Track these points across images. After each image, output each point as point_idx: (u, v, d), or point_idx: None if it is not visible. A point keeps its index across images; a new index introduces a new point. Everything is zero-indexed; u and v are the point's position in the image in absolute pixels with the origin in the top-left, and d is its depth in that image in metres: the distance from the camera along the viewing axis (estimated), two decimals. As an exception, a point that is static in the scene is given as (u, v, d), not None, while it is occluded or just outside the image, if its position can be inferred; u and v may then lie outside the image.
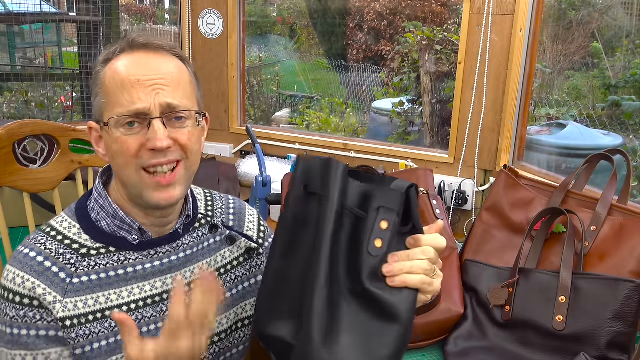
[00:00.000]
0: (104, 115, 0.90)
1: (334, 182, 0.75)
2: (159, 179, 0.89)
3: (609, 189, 1.27)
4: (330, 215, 0.74)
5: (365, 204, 0.76)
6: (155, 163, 0.88)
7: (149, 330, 0.95)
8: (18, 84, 4.35)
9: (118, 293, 0.92)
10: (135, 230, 0.94)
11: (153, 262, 0.95)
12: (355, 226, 0.76)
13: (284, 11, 11.17)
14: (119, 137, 0.88)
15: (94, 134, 0.94)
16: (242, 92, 2.32)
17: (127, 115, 0.87)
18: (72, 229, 0.94)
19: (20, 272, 0.89)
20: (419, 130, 4.23)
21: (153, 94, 0.87)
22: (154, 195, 0.90)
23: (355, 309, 0.75)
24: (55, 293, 0.88)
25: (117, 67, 0.90)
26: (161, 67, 0.90)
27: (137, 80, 0.87)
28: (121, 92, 0.87)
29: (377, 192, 0.77)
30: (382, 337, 0.75)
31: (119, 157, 0.89)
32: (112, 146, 0.90)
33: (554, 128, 3.79)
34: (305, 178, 0.79)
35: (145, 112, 0.87)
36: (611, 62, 5.92)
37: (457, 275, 1.35)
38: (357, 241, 0.76)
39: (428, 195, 1.49)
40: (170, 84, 0.89)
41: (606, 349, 1.11)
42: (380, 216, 0.76)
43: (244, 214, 1.11)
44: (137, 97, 0.87)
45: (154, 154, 0.88)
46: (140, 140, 0.88)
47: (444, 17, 8.09)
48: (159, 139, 0.87)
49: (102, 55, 0.93)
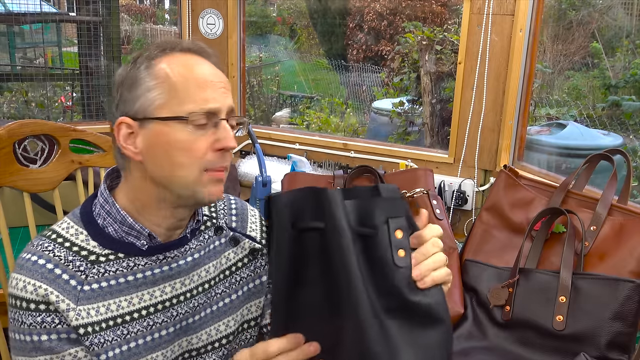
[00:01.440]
0: (158, 111, 0.87)
1: (336, 211, 0.73)
2: (218, 173, 0.89)
3: (609, 189, 1.27)
4: (348, 245, 0.72)
5: (366, 220, 0.75)
6: (220, 167, 0.89)
7: (160, 335, 0.94)
8: (18, 84, 4.35)
9: (129, 300, 0.92)
10: (144, 236, 0.93)
11: (162, 267, 0.95)
12: (367, 245, 0.74)
13: (284, 11, 11.17)
14: (186, 134, 0.86)
15: (123, 130, 0.89)
16: (242, 92, 2.33)
17: (199, 113, 0.86)
18: (80, 235, 0.92)
19: (30, 280, 0.87)
20: (419, 130, 4.23)
21: (223, 96, 0.89)
22: (210, 190, 0.89)
23: (399, 324, 0.74)
24: (68, 300, 0.87)
25: (182, 64, 0.88)
26: (219, 72, 0.91)
27: (210, 81, 0.88)
28: (194, 89, 0.86)
29: (377, 205, 0.75)
30: (435, 341, 0.75)
31: (181, 156, 0.86)
32: (170, 144, 0.87)
33: (554, 128, 3.79)
34: (290, 215, 0.76)
35: (216, 112, 0.87)
36: (611, 62, 5.92)
37: (457, 275, 1.35)
38: (376, 259, 0.74)
39: (428, 195, 1.49)
40: (229, 90, 0.92)
41: (606, 349, 1.12)
42: (393, 227, 0.75)
43: (246, 215, 1.11)
44: (212, 97, 0.87)
45: (221, 155, 0.88)
46: (208, 141, 0.87)
47: (444, 17, 8.09)
48: (232, 139, 0.88)
49: (147, 53, 0.90)
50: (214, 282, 1.01)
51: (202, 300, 0.99)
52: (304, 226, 0.75)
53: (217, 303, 1.01)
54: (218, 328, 1.01)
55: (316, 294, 0.76)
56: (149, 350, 0.93)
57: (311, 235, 0.75)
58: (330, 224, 0.73)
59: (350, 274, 0.72)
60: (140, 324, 0.92)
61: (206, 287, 1.00)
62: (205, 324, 1.00)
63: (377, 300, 0.73)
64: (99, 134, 1.42)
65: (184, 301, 0.97)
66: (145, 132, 0.88)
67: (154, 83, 0.87)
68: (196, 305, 0.98)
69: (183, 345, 0.97)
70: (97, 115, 2.81)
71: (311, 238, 0.75)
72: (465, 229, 1.91)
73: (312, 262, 0.76)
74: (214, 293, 1.01)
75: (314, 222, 0.74)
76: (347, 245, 0.72)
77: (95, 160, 1.41)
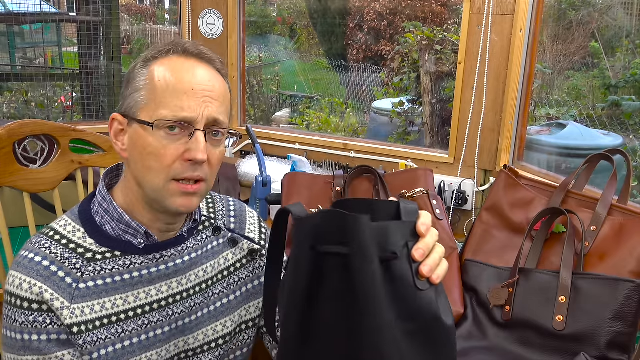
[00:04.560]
0: (139, 112, 0.88)
1: (365, 238, 0.69)
2: (186, 186, 0.88)
3: (609, 189, 1.27)
4: (374, 272, 0.69)
5: (388, 245, 0.72)
6: (188, 177, 0.88)
7: (155, 335, 0.94)
8: (18, 84, 4.35)
9: (124, 298, 0.92)
10: (141, 235, 0.93)
11: (159, 266, 0.95)
12: (387, 269, 0.72)
13: (284, 11, 11.17)
14: (157, 140, 0.86)
15: (115, 126, 0.91)
16: (242, 92, 2.33)
17: (171, 120, 0.86)
18: (77, 232, 0.92)
19: (26, 277, 0.87)
20: (419, 130, 4.23)
21: (203, 106, 0.87)
22: (176, 201, 0.89)
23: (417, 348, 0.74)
24: (62, 299, 0.87)
25: (170, 68, 0.88)
26: (212, 80, 0.90)
27: (190, 89, 0.86)
28: (171, 96, 0.86)
29: (398, 229, 0.73)
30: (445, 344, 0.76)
31: (151, 160, 0.87)
32: (144, 147, 0.87)
33: (554, 128, 3.78)
34: (314, 239, 0.73)
35: (190, 121, 0.86)
36: (611, 62, 5.92)
37: (457, 275, 1.35)
38: (398, 283, 0.72)
39: (428, 195, 1.49)
40: (218, 99, 0.89)
41: (606, 349, 1.11)
42: (411, 249, 0.73)
43: (245, 216, 1.11)
44: (187, 106, 0.86)
45: (189, 166, 0.87)
46: (178, 150, 0.87)
47: (444, 17, 8.09)
48: (201, 151, 0.86)
49: (149, 53, 0.91)
50: (212, 282, 1.01)
51: (199, 300, 0.99)
52: (326, 250, 0.72)
53: (215, 303, 1.01)
54: (215, 328, 1.01)
55: (330, 315, 0.74)
56: (143, 349, 0.93)
57: (330, 259, 0.72)
58: (357, 251, 0.70)
59: (375, 305, 0.69)
60: (135, 323, 0.92)
61: (203, 287, 1.00)
62: (202, 324, 1.00)
63: (401, 326, 0.72)
64: (99, 134, 1.42)
65: (180, 301, 0.97)
66: (130, 131, 0.90)
67: (143, 84, 0.88)
68: (193, 305, 0.98)
69: (179, 345, 0.97)
70: (97, 115, 2.82)
71: (329, 261, 0.72)
72: (465, 229, 1.91)
73: (330, 283, 0.73)
74: (212, 293, 1.01)
75: (339, 247, 0.71)
76: (374, 274, 0.70)
77: (95, 160, 1.41)
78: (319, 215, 0.72)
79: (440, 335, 0.75)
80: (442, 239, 1.41)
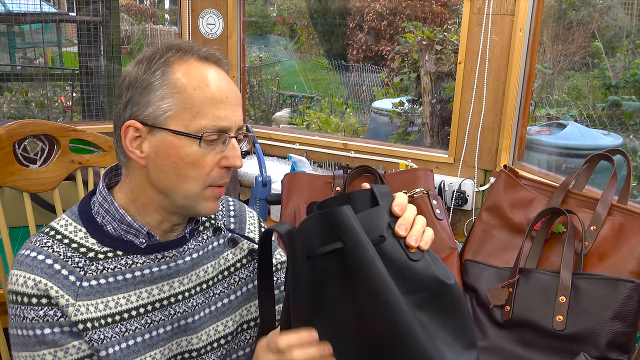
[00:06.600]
0: (169, 122, 0.87)
1: (354, 227, 0.72)
2: (219, 190, 0.92)
3: (609, 189, 1.27)
4: (373, 257, 0.72)
5: (374, 230, 0.75)
6: (224, 183, 0.91)
7: (158, 334, 0.94)
8: (18, 84, 4.35)
9: (127, 297, 0.92)
10: (143, 235, 0.93)
11: (160, 266, 0.95)
12: (382, 253, 0.74)
13: (284, 11, 11.17)
14: (197, 150, 0.87)
15: (131, 133, 0.89)
16: (242, 92, 2.33)
17: (211, 130, 0.87)
18: (78, 232, 0.92)
19: (30, 275, 0.87)
20: (419, 130, 4.23)
21: (234, 114, 0.90)
22: (208, 205, 0.92)
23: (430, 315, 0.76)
24: (67, 296, 0.87)
25: (198, 76, 0.88)
26: (232, 85, 0.92)
27: (225, 97, 0.88)
28: (210, 106, 0.87)
29: (378, 214, 0.76)
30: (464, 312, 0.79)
31: (189, 169, 0.88)
32: (180, 157, 0.87)
33: (554, 128, 3.78)
34: (305, 247, 0.75)
35: (227, 130, 0.89)
36: (611, 62, 5.92)
37: (457, 275, 1.35)
38: (395, 263, 0.75)
39: (428, 195, 1.49)
40: (240, 104, 0.92)
41: (606, 349, 1.11)
42: (394, 228, 0.77)
43: (245, 216, 1.11)
44: (224, 115, 0.88)
45: (225, 172, 0.90)
46: (215, 158, 0.89)
47: (444, 17, 8.09)
48: (239, 158, 0.90)
49: (155, 55, 0.89)
50: (212, 282, 1.01)
51: (200, 300, 0.99)
52: (322, 252, 0.74)
53: (216, 303, 1.02)
54: (217, 328, 1.01)
55: (339, 315, 0.75)
56: (147, 348, 0.93)
57: (326, 259, 0.74)
58: (351, 241, 0.72)
59: (383, 285, 0.71)
60: (138, 322, 0.92)
61: (204, 287, 1.00)
62: (204, 324, 1.00)
63: (411, 301, 0.74)
64: (99, 134, 1.42)
65: (182, 300, 0.97)
66: (154, 139, 0.88)
67: (169, 92, 0.87)
68: (195, 305, 0.98)
69: (182, 344, 0.98)
70: (97, 115, 2.81)
71: (326, 261, 0.74)
72: (465, 229, 1.91)
73: (332, 283, 0.74)
74: (213, 293, 1.01)
75: (332, 244, 0.73)
76: (372, 257, 0.72)
77: (95, 160, 1.41)
78: (304, 222, 0.75)
79: (449, 295, 0.78)
80: (442, 239, 1.41)
